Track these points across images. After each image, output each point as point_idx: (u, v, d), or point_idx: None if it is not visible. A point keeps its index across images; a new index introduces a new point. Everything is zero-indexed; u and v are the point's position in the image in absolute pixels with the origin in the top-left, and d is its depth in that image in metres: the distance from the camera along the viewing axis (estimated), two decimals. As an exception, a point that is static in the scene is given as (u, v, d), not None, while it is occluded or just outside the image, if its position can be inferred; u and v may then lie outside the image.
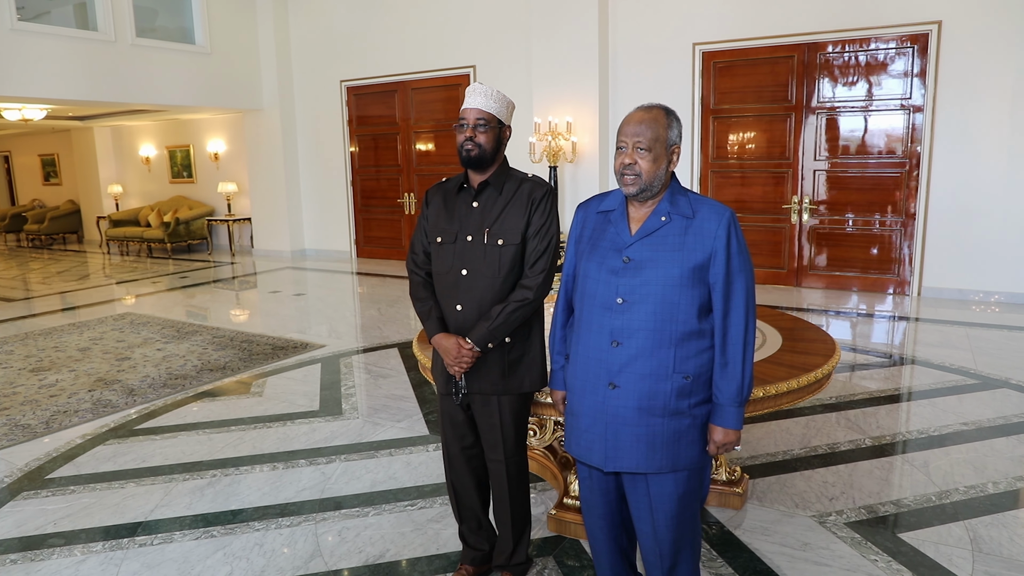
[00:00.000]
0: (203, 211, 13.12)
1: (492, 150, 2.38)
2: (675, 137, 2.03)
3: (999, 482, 3.43)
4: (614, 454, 2.06)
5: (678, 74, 8.52)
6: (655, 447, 2.02)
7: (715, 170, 8.61)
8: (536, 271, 2.39)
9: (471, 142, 2.36)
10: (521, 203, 2.40)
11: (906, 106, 7.50)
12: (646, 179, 2.00)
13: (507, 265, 2.39)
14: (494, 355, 2.43)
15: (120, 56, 9.51)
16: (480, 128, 2.36)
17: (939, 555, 2.81)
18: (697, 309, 1.99)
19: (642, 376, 2.00)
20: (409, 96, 10.67)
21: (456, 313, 2.44)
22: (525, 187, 2.42)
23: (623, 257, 2.03)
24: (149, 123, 14.05)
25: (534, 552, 2.89)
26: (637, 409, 2.02)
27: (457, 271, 2.43)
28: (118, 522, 3.24)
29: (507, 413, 2.49)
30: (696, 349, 2.01)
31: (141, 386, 5.21)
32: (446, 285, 2.46)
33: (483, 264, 2.40)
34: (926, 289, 7.63)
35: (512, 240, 2.38)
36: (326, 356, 5.90)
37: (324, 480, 3.62)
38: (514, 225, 2.39)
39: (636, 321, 2.00)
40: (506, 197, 2.41)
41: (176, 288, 9.49)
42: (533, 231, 2.39)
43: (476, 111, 2.37)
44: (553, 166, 8.71)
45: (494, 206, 2.41)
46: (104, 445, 4.14)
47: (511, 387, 2.47)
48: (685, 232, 2.00)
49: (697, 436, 2.05)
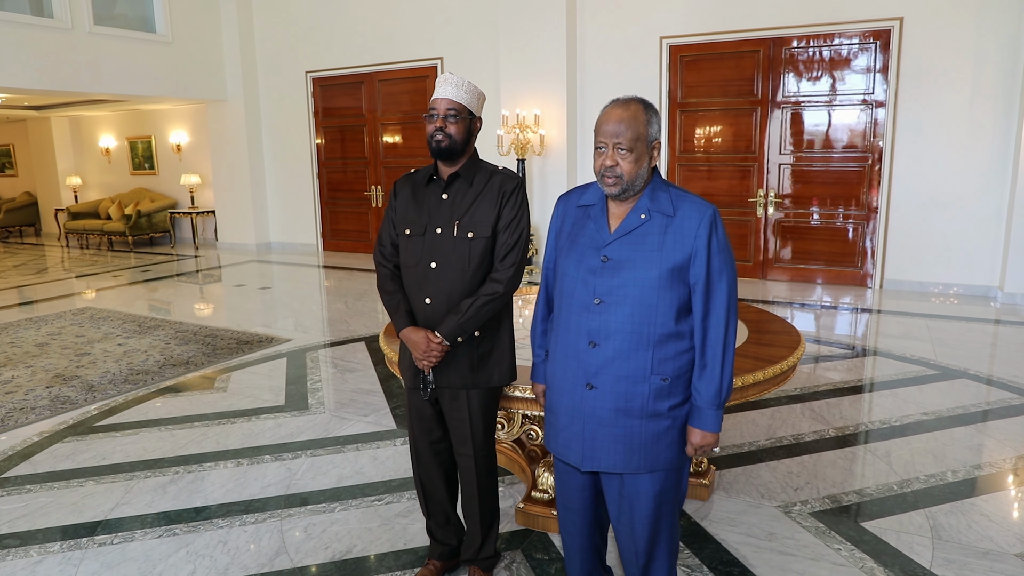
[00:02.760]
0: (165, 203, 12.87)
1: (462, 141, 2.35)
2: (655, 132, 1.98)
3: (958, 471, 3.50)
4: (591, 454, 2.04)
5: (645, 68, 8.55)
6: (632, 448, 2.00)
7: (682, 163, 8.66)
8: (506, 265, 2.37)
9: (441, 133, 2.32)
10: (492, 196, 2.37)
11: (868, 101, 7.62)
12: (628, 180, 1.95)
13: (477, 258, 2.36)
14: (463, 349, 2.40)
15: (77, 44, 9.26)
16: (451, 119, 2.32)
17: (900, 543, 2.86)
18: (675, 311, 1.95)
19: (619, 378, 1.97)
20: (376, 88, 10.56)
21: (425, 307, 2.41)
22: (496, 179, 2.40)
23: (601, 256, 1.98)
24: (109, 113, 13.72)
25: (502, 546, 2.88)
26: (614, 410, 1.99)
27: (426, 264, 2.39)
28: (76, 521, 3.16)
29: (476, 407, 2.47)
30: (675, 351, 1.97)
31: (101, 382, 5.10)
32: (415, 278, 2.43)
33: (453, 257, 2.36)
34: (888, 282, 7.77)
35: (482, 233, 2.35)
36: (292, 350, 5.82)
37: (290, 476, 3.57)
38: (484, 218, 2.36)
39: (613, 323, 1.96)
40: (476, 189, 2.38)
41: (138, 282, 9.30)
42: (504, 224, 2.37)
43: (447, 101, 2.33)
44: (521, 159, 8.69)
45: (464, 198, 2.38)
46: (62, 443, 4.04)
47: (480, 381, 2.45)
48: (665, 231, 1.94)
49: (676, 437, 2.02)
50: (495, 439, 2.61)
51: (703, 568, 2.72)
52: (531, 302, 4.29)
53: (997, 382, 4.77)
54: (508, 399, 2.72)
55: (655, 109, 2.00)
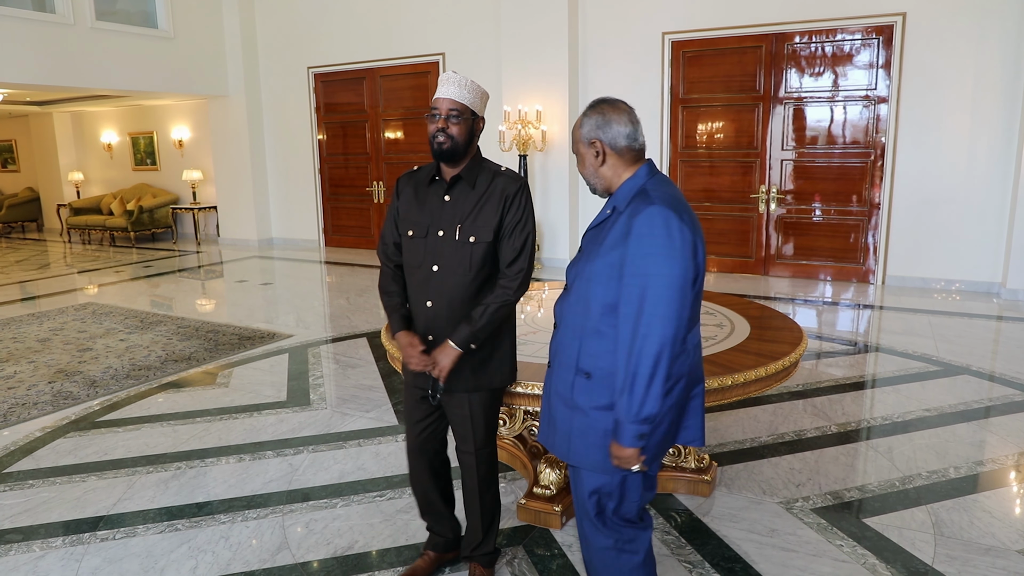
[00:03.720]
0: (167, 199, 12.87)
1: (465, 142, 2.30)
2: (589, 132, 1.95)
3: (960, 467, 3.50)
4: (545, 427, 2.13)
5: (647, 63, 8.53)
6: (555, 430, 2.06)
7: (684, 159, 8.65)
8: (514, 271, 2.34)
9: (443, 134, 2.28)
10: (494, 199, 2.33)
11: (871, 97, 7.59)
12: (589, 182, 2.04)
13: (478, 263, 2.33)
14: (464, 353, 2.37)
15: (79, 40, 9.25)
16: (453, 120, 2.27)
17: (902, 539, 2.86)
18: (602, 307, 1.90)
19: (562, 363, 2.02)
20: (378, 83, 10.55)
21: (426, 309, 2.39)
22: (498, 182, 2.35)
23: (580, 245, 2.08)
24: (111, 109, 13.72)
25: (503, 542, 2.89)
26: (556, 393, 2.05)
27: (428, 267, 2.37)
28: (79, 516, 3.17)
29: (477, 408, 2.47)
30: (597, 350, 1.92)
31: (103, 377, 5.10)
32: (417, 280, 2.41)
33: (454, 261, 2.33)
34: (890, 278, 7.76)
35: (484, 238, 2.32)
36: (294, 346, 5.82)
37: (292, 471, 3.57)
38: (487, 222, 2.32)
39: (567, 308, 2.03)
40: (479, 191, 2.34)
41: (140, 277, 9.31)
42: (508, 228, 2.33)
43: (449, 101, 2.28)
44: (523, 155, 8.68)
45: (466, 201, 2.34)
46: (64, 438, 4.05)
47: (482, 384, 2.44)
48: (613, 226, 1.91)
49: (597, 440, 1.93)
50: (496, 436, 2.61)
51: (704, 564, 2.72)
52: (532, 298, 4.29)
53: (999, 378, 4.76)
54: (510, 395, 2.72)
55: (594, 106, 1.98)
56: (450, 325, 2.35)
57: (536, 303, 4.18)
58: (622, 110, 1.95)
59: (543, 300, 4.24)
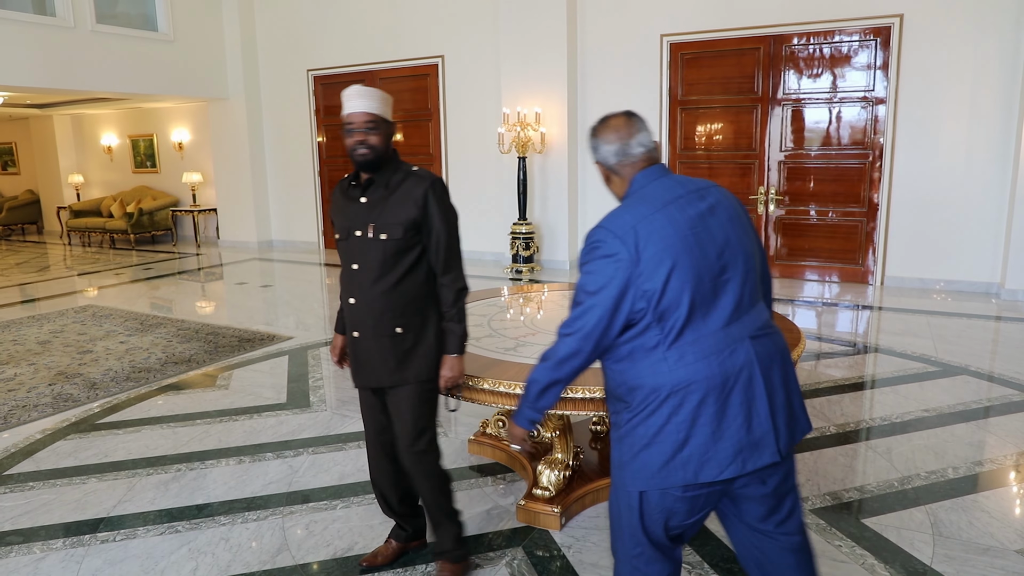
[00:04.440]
0: (167, 201, 12.88)
1: (383, 149, 2.41)
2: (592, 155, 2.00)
3: (959, 467, 3.50)
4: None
5: (646, 65, 8.55)
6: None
7: (683, 161, 8.66)
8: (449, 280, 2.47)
9: (364, 146, 2.37)
10: (405, 198, 2.41)
11: (869, 98, 7.61)
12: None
13: (391, 260, 2.41)
14: (386, 345, 2.45)
15: (80, 43, 9.27)
16: (371, 131, 2.37)
17: (901, 539, 2.86)
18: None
19: None
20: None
21: (350, 307, 2.51)
22: (410, 181, 2.43)
23: None
24: (111, 111, 13.74)
25: (503, 543, 2.89)
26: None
27: (350, 266, 2.49)
28: (79, 518, 3.17)
29: (404, 404, 2.51)
30: None
31: (103, 380, 5.11)
32: (344, 280, 2.55)
33: (370, 258, 2.44)
34: (889, 278, 7.76)
35: (395, 235, 2.40)
36: (293, 348, 5.83)
37: (291, 473, 3.58)
38: (397, 219, 2.40)
39: None
40: (391, 190, 2.44)
41: (140, 280, 9.32)
42: (427, 230, 2.43)
43: (363, 114, 2.37)
44: (522, 156, 8.70)
45: (379, 201, 2.44)
46: (65, 440, 4.05)
47: (407, 377, 2.48)
48: None
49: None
50: (434, 436, 2.59)
51: (703, 565, 2.72)
52: (532, 300, 4.29)
53: (998, 379, 4.77)
54: (509, 397, 2.72)
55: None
56: (371, 321, 2.45)
57: (535, 305, 4.19)
58: (610, 126, 1.91)
59: (542, 302, 4.25)
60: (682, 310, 1.73)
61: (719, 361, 1.74)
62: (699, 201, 1.82)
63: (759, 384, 1.76)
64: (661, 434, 1.75)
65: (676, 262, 1.72)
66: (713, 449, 1.73)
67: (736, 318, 1.78)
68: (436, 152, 10.20)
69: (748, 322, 1.80)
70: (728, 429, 1.73)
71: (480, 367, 2.89)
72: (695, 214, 1.79)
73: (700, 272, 1.74)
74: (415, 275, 2.45)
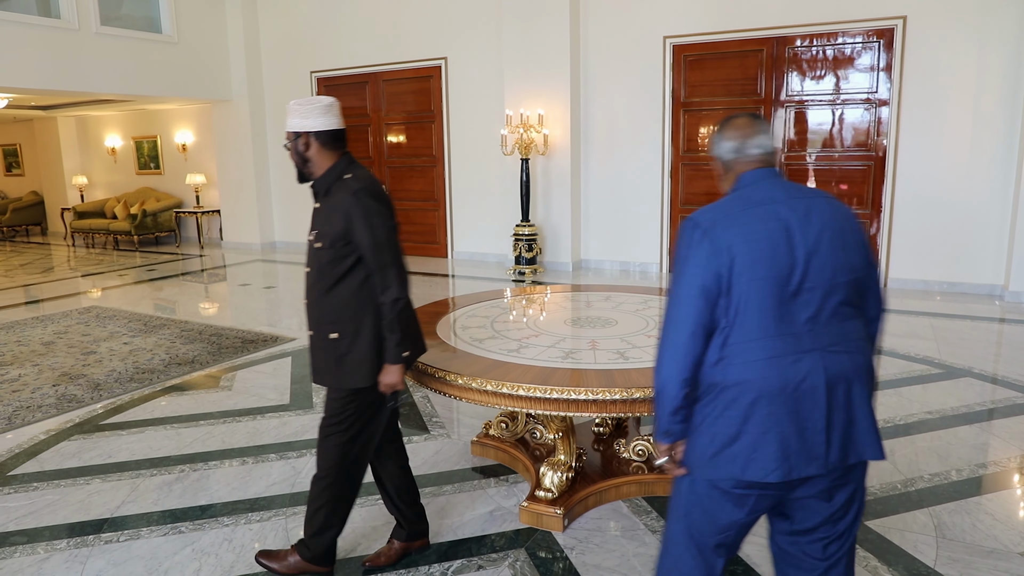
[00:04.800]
0: (171, 203, 12.92)
1: (301, 161, 2.53)
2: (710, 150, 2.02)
3: (962, 469, 3.50)
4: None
5: (649, 67, 8.55)
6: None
7: (685, 163, 8.66)
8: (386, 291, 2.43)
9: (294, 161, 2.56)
10: (335, 208, 2.46)
11: (872, 100, 7.60)
12: None
13: (326, 267, 2.50)
14: (327, 348, 2.53)
15: (84, 44, 9.30)
16: (289, 147, 2.55)
17: (904, 542, 2.86)
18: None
19: None
20: (380, 88, 10.58)
21: (305, 306, 2.63)
22: (339, 191, 2.48)
23: None
24: (115, 113, 13.77)
25: (504, 544, 2.89)
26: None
27: (305, 268, 2.62)
28: (83, 519, 3.18)
29: (330, 402, 2.58)
30: None
31: (107, 380, 5.12)
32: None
33: (312, 264, 2.56)
34: (892, 280, 7.75)
35: (325, 244, 2.47)
36: (296, 349, 5.84)
37: (295, 474, 3.59)
38: (326, 230, 2.48)
39: None
40: (328, 198, 2.52)
41: (143, 281, 9.34)
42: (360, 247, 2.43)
43: (287, 134, 2.55)
44: (525, 158, 8.70)
45: (322, 208, 2.54)
46: (69, 441, 4.06)
47: (342, 381, 2.53)
48: None
49: None
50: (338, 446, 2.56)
51: (706, 566, 2.72)
52: (535, 302, 4.30)
53: (1002, 381, 4.76)
54: (513, 398, 2.72)
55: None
56: (313, 324, 2.58)
57: (538, 307, 4.19)
58: (733, 125, 1.94)
59: (545, 304, 4.26)
60: (749, 308, 1.73)
61: (780, 366, 1.72)
62: (796, 208, 1.79)
63: (821, 397, 1.73)
64: (714, 426, 1.77)
65: (751, 261, 1.73)
66: (761, 450, 1.73)
67: (810, 329, 1.75)
68: (439, 154, 10.21)
69: (825, 335, 1.76)
70: (780, 434, 1.72)
71: (483, 368, 2.89)
72: (787, 219, 1.77)
73: (776, 275, 1.73)
74: (348, 283, 2.47)
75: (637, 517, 3.09)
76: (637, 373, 2.81)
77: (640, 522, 3.05)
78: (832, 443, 1.75)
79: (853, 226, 1.85)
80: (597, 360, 3.00)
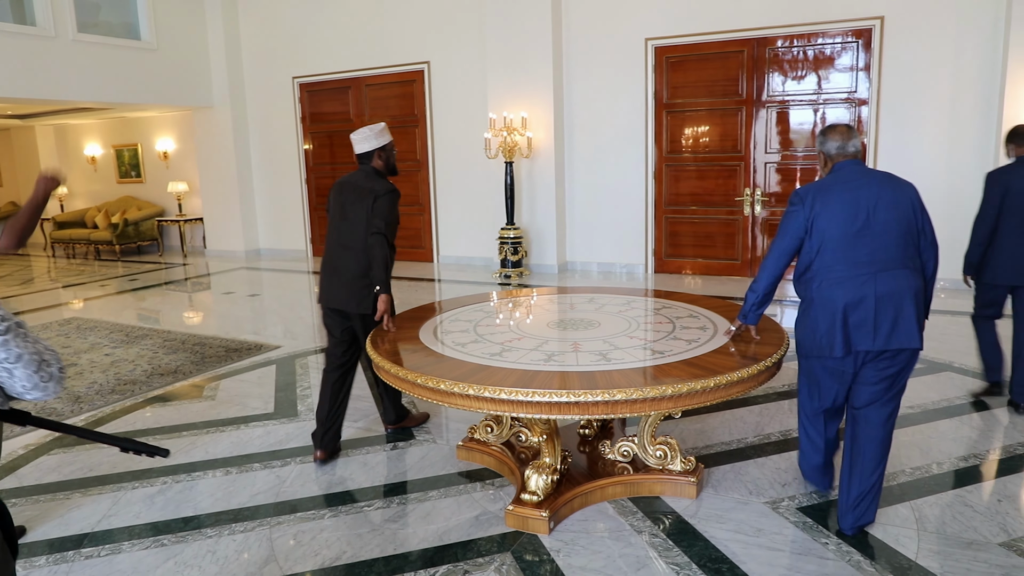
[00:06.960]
0: (153, 211, 12.82)
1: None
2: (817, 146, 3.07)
3: (943, 463, 3.53)
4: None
5: (631, 69, 8.59)
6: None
7: (669, 164, 8.69)
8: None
9: None
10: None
11: (852, 99, 7.67)
12: None
13: None
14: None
15: (61, 52, 9.22)
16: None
17: (887, 535, 2.88)
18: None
19: None
20: (363, 92, 10.55)
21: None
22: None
23: None
24: (94, 121, 13.66)
25: (494, 548, 2.89)
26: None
27: None
28: (63, 534, 3.14)
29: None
30: None
31: (88, 393, 5.07)
32: None
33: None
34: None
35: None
36: (281, 357, 5.81)
37: (279, 483, 3.56)
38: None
39: None
40: None
41: (125, 291, 9.26)
42: None
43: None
44: (509, 161, 8.71)
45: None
46: (48, 455, 4.02)
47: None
48: None
49: None
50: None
51: (691, 565, 2.73)
52: (520, 304, 4.29)
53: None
54: (494, 402, 2.72)
55: None
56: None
57: (524, 309, 4.19)
58: (838, 131, 2.93)
59: (531, 307, 4.26)
60: (825, 247, 2.80)
61: (851, 284, 2.76)
62: (869, 185, 2.80)
63: (871, 302, 2.73)
64: (810, 321, 2.87)
65: (833, 217, 2.78)
66: (838, 336, 2.77)
67: (868, 260, 2.75)
68: (423, 158, 10.20)
69: (880, 265, 2.76)
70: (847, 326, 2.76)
71: (466, 372, 2.89)
72: (859, 192, 2.78)
73: (847, 226, 2.76)
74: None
75: (623, 518, 3.10)
76: (619, 375, 2.81)
77: (626, 523, 3.06)
78: (879, 330, 2.73)
79: (910, 201, 2.87)
80: (579, 362, 3.00)
